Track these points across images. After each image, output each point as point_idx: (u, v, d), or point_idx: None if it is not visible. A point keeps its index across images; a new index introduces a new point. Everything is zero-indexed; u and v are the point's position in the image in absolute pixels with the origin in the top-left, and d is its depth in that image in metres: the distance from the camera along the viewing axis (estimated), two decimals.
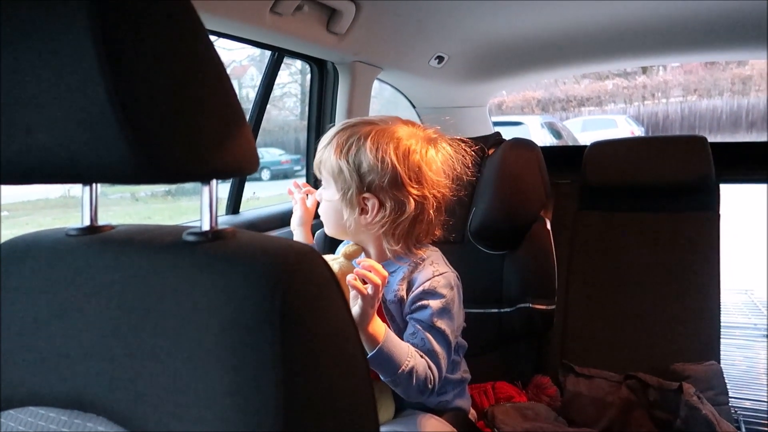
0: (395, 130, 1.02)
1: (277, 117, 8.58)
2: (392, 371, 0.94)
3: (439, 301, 1.02)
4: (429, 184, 1.02)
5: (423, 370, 0.97)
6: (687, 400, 1.32)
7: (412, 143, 1.01)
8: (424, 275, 1.04)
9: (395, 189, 1.00)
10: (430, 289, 1.02)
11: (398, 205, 1.00)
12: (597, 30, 1.88)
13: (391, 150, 0.99)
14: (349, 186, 1.01)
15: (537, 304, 1.43)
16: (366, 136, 1.00)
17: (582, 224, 1.84)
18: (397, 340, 0.96)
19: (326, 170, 1.04)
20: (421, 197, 1.01)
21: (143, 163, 0.42)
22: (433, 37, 1.85)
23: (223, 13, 1.16)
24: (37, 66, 0.41)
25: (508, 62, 2.22)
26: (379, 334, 0.93)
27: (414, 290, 1.03)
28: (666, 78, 16.31)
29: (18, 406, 0.51)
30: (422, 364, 0.97)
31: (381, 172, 0.99)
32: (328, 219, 1.08)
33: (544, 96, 16.69)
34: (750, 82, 15.10)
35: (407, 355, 0.96)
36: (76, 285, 0.51)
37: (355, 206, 1.01)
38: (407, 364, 0.95)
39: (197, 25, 0.45)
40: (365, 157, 0.99)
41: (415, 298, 1.03)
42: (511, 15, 1.73)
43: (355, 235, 1.07)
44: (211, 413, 0.42)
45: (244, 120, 0.49)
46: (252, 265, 0.45)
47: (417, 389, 0.97)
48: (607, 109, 16.13)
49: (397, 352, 0.94)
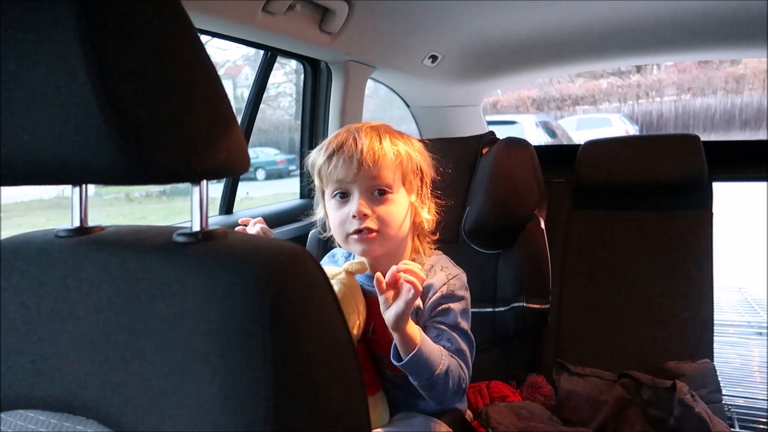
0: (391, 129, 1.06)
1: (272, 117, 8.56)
2: (429, 373, 0.92)
3: (459, 303, 1.02)
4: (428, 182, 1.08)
5: (456, 370, 0.96)
6: (681, 399, 1.32)
7: None
8: (438, 280, 1.03)
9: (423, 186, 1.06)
10: (448, 293, 1.02)
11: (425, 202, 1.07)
12: (591, 29, 1.89)
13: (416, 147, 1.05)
14: (417, 183, 1.04)
15: (531, 303, 1.44)
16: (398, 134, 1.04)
17: (576, 223, 1.85)
18: (431, 342, 0.94)
19: (386, 168, 0.98)
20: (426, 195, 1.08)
21: (132, 163, 0.41)
22: (427, 37, 1.85)
23: (215, 12, 1.16)
24: (24, 67, 0.41)
25: (502, 61, 2.22)
26: (416, 336, 0.91)
27: (431, 297, 1.01)
28: (660, 77, 16.36)
29: (7, 408, 0.51)
30: (455, 364, 0.96)
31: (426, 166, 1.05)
32: (395, 225, 1.01)
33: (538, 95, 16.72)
34: (743, 80, 15.16)
35: (441, 355, 0.94)
36: (65, 287, 0.50)
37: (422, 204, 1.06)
38: (443, 364, 0.93)
39: (187, 24, 0.45)
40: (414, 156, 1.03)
41: (434, 303, 1.01)
42: (504, 14, 1.73)
43: (401, 241, 1.05)
44: (201, 415, 0.42)
45: (234, 120, 0.49)
46: (242, 266, 0.45)
47: (452, 390, 0.95)
48: (601, 108, 16.16)
49: (434, 353, 0.93)
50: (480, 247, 1.52)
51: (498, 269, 1.49)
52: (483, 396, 1.37)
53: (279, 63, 1.69)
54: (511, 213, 1.47)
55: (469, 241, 1.52)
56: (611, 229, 1.81)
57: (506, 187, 1.47)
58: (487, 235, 1.49)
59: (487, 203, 1.46)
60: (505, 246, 1.49)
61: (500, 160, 1.49)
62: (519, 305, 1.44)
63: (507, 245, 1.49)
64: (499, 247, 1.50)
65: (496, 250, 1.50)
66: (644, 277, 1.72)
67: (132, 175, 0.43)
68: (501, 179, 1.47)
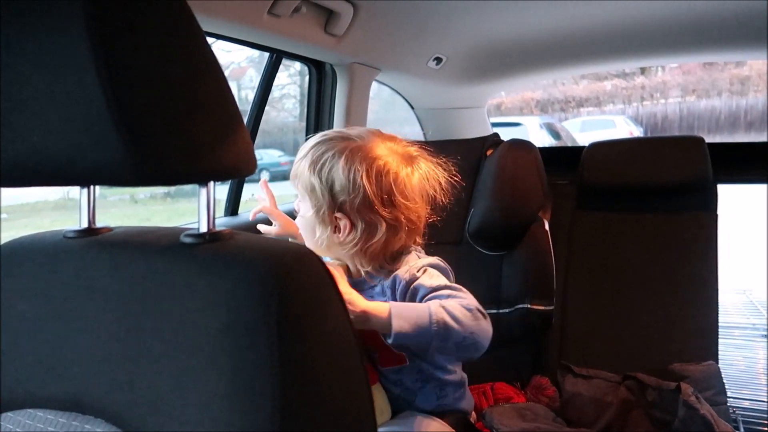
0: (371, 148, 0.97)
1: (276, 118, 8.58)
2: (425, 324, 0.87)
3: (425, 275, 0.97)
4: (402, 207, 0.98)
5: (451, 302, 0.90)
6: (685, 400, 1.32)
7: (387, 162, 0.97)
8: (402, 270, 1.00)
9: (367, 211, 0.96)
10: (413, 273, 0.98)
11: (369, 227, 0.97)
12: (595, 31, 1.88)
13: (363, 170, 0.95)
14: (321, 204, 0.98)
15: (535, 304, 1.44)
16: (340, 153, 0.96)
17: (580, 225, 1.84)
18: (404, 303, 0.93)
19: (301, 185, 1.01)
20: (394, 220, 0.97)
21: (140, 165, 0.42)
22: (432, 39, 1.85)
23: (221, 14, 1.16)
24: (34, 69, 0.41)
25: (506, 63, 2.22)
26: (384, 307, 0.88)
27: (398, 287, 0.99)
28: (664, 78, 16.31)
29: (16, 408, 0.51)
30: (450, 303, 0.90)
31: (352, 193, 0.95)
32: (304, 233, 1.05)
33: (542, 97, 16.69)
34: (748, 82, 15.10)
35: (427, 307, 0.89)
36: (74, 287, 0.51)
37: (328, 224, 0.98)
38: (432, 306, 0.88)
39: (194, 27, 0.46)
40: (338, 176, 0.96)
41: (402, 292, 0.98)
42: (509, 16, 1.73)
43: (329, 251, 1.03)
44: (208, 414, 0.42)
45: (241, 122, 0.49)
46: (248, 267, 0.45)
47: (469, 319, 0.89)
48: (605, 110, 16.12)
49: (411, 307, 0.89)
50: (484, 249, 1.52)
51: (502, 271, 1.49)
52: (487, 397, 1.37)
53: (283, 65, 1.69)
54: (515, 215, 1.47)
55: (473, 243, 1.52)
56: (615, 231, 1.81)
57: (510, 189, 1.47)
58: (492, 237, 1.49)
59: (492, 205, 1.46)
60: (509, 248, 1.49)
61: (504, 162, 1.49)
62: (523, 307, 1.44)
63: (511, 247, 1.48)
64: (504, 249, 1.50)
65: (501, 252, 1.50)
66: (648, 279, 1.72)
67: (140, 177, 0.43)
68: (505, 181, 1.47)
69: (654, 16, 1.73)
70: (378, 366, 1.06)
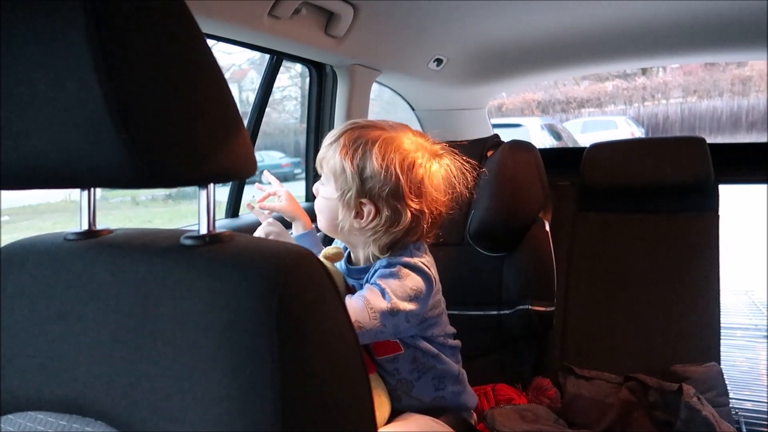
0: (403, 141, 1.01)
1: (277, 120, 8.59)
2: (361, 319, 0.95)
3: (389, 269, 1.01)
4: (428, 199, 1.01)
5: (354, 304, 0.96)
6: (687, 402, 1.32)
7: (418, 156, 1.00)
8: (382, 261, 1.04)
9: (394, 199, 0.99)
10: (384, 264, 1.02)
11: (395, 216, 1.00)
12: (596, 31, 1.88)
13: (397, 160, 0.98)
14: (349, 188, 1.00)
15: (536, 305, 1.44)
16: (374, 142, 0.99)
17: (581, 226, 1.84)
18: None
19: (328, 167, 1.03)
20: (419, 211, 1.01)
21: (140, 167, 0.42)
22: (432, 40, 1.85)
23: (221, 16, 1.16)
24: (34, 71, 0.42)
25: (507, 64, 2.22)
26: None
27: None
28: (666, 79, 16.29)
29: (17, 410, 0.51)
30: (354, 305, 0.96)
31: (383, 181, 0.98)
32: (323, 215, 1.07)
33: (543, 98, 16.68)
34: (750, 83, 15.08)
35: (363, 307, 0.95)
36: (74, 289, 0.51)
37: (352, 209, 1.01)
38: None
39: (194, 29, 0.46)
40: (370, 163, 0.98)
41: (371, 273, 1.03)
42: (510, 17, 1.73)
43: (348, 236, 1.06)
44: (208, 416, 0.42)
45: (241, 123, 0.50)
46: (249, 269, 0.45)
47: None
48: (607, 111, 16.11)
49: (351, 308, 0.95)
50: (485, 250, 1.52)
51: (503, 272, 1.49)
52: (488, 399, 1.37)
53: (284, 66, 1.69)
54: (515, 215, 1.47)
55: (473, 244, 1.52)
56: (616, 232, 1.81)
57: (511, 190, 1.47)
58: (492, 238, 1.49)
59: (492, 206, 1.46)
60: (510, 248, 1.49)
61: (505, 163, 1.49)
62: (524, 308, 1.44)
63: (512, 248, 1.48)
64: (504, 250, 1.50)
65: (501, 253, 1.50)
66: (650, 280, 1.71)
67: (140, 179, 0.43)
68: (506, 182, 1.47)
69: (655, 17, 1.73)
70: (374, 356, 1.06)
